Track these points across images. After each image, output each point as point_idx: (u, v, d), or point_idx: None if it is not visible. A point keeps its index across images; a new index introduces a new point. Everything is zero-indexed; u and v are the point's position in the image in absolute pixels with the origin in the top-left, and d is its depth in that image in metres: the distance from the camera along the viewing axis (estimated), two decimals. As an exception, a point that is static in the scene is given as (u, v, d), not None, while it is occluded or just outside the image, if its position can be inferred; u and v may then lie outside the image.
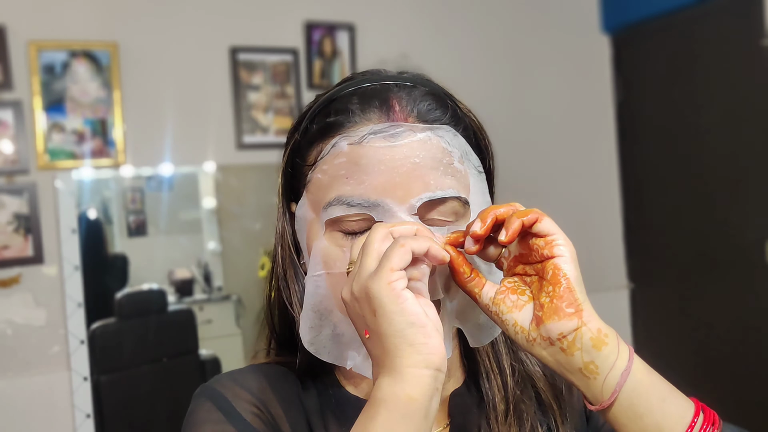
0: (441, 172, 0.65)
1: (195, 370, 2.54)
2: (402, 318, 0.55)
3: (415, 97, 0.68)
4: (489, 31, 2.86)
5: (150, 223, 2.66)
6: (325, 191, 0.67)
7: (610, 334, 0.61)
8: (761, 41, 2.45)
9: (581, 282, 0.61)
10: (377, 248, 0.58)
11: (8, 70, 2.17)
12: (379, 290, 0.56)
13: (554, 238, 0.61)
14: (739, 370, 2.64)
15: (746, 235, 2.57)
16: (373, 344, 0.58)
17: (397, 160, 0.64)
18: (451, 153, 0.66)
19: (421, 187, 0.64)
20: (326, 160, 0.67)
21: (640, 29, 2.94)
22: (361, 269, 0.58)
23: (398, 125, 0.65)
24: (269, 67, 2.50)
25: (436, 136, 0.66)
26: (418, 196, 0.64)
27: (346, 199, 0.64)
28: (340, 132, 0.67)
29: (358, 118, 0.67)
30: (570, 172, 2.95)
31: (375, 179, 0.64)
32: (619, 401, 0.60)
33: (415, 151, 0.65)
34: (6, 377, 2.15)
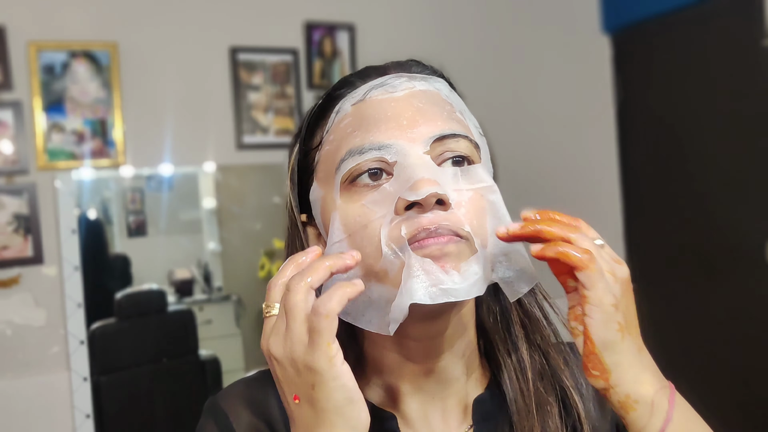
0: (446, 117, 0.66)
1: (195, 370, 2.54)
2: (342, 395, 0.56)
3: (410, 65, 0.71)
4: (489, 31, 2.86)
5: (150, 223, 2.66)
6: (334, 157, 0.66)
7: (642, 399, 0.59)
8: (761, 41, 2.45)
9: (617, 342, 0.58)
10: (303, 309, 0.56)
11: (8, 70, 2.17)
12: (320, 366, 0.55)
13: (589, 295, 0.58)
14: (739, 369, 2.64)
15: (746, 236, 2.57)
16: (303, 412, 0.57)
17: (402, 106, 0.65)
18: (451, 104, 0.68)
19: (430, 126, 0.64)
20: (332, 130, 0.68)
21: (640, 29, 2.94)
22: (292, 336, 0.56)
23: (398, 76, 0.68)
24: (269, 67, 2.50)
25: (434, 87, 0.68)
26: (428, 135, 0.64)
27: (357, 149, 0.64)
28: (342, 98, 0.68)
29: (358, 83, 0.68)
30: (570, 172, 2.95)
31: (383, 125, 0.64)
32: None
33: (417, 98, 0.66)
34: (6, 377, 2.15)
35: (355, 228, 0.63)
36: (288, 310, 0.57)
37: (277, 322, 0.58)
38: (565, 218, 0.61)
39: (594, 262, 0.58)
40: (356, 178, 0.64)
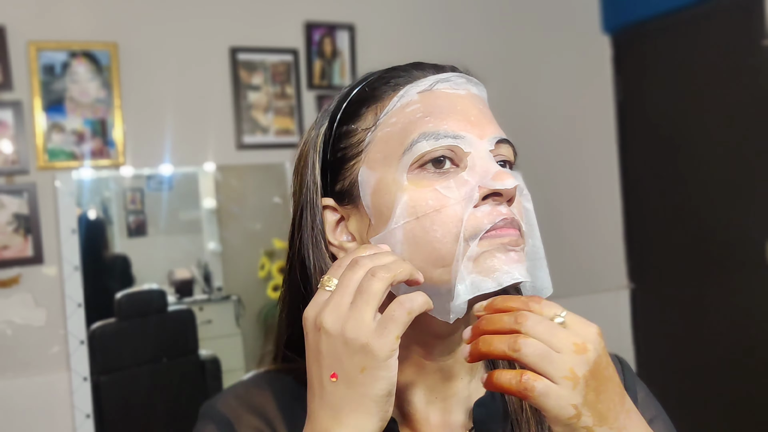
0: (496, 122, 0.69)
1: (195, 370, 2.54)
2: (387, 386, 0.56)
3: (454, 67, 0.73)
4: (489, 31, 2.86)
5: (150, 223, 2.66)
6: (400, 138, 0.66)
7: None
8: (761, 41, 2.45)
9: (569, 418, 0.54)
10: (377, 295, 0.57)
11: (8, 70, 2.17)
12: (383, 353, 0.55)
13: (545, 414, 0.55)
14: (739, 369, 2.64)
15: (746, 235, 2.57)
16: (338, 391, 0.57)
17: (468, 104, 0.68)
18: None
19: (492, 128, 0.67)
20: (394, 113, 0.67)
21: (640, 29, 2.94)
22: (359, 317, 0.56)
23: (461, 76, 0.70)
24: (269, 67, 2.50)
25: (482, 94, 0.72)
26: (492, 135, 0.66)
27: (432, 134, 0.64)
28: (406, 85, 0.68)
29: (418, 73, 0.69)
30: (570, 172, 2.95)
31: (455, 116, 0.66)
32: None
33: (475, 100, 0.69)
34: (6, 377, 2.15)
35: (426, 211, 0.63)
36: (364, 291, 0.57)
37: (337, 297, 0.58)
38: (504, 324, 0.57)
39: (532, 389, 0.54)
40: (426, 163, 0.64)
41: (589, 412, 0.54)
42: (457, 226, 0.62)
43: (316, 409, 0.58)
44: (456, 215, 0.62)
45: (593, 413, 0.54)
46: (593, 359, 0.54)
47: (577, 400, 0.53)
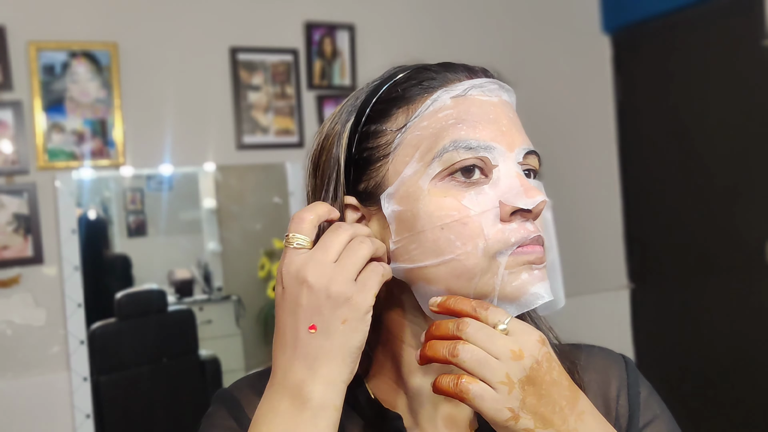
0: (525, 132, 0.69)
1: (195, 370, 2.54)
2: (362, 338, 0.60)
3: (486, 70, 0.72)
4: (489, 31, 2.86)
5: (150, 223, 2.66)
6: (430, 143, 0.65)
7: None
8: (761, 41, 2.45)
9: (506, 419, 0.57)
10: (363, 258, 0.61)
11: (8, 70, 2.17)
12: (364, 305, 0.59)
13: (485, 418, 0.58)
14: (739, 369, 2.64)
15: (746, 235, 2.57)
16: (316, 342, 0.59)
17: (499, 113, 0.67)
18: None
19: (521, 139, 0.67)
20: (425, 116, 0.66)
21: (640, 29, 2.94)
22: (343, 271, 0.60)
23: (494, 82, 0.69)
24: (269, 67, 2.50)
25: (512, 101, 0.71)
26: (521, 147, 0.66)
27: (464, 143, 0.64)
28: (439, 89, 0.67)
29: (451, 76, 0.68)
30: (570, 172, 2.95)
31: (487, 126, 0.65)
32: None
33: (506, 108, 0.68)
34: (6, 377, 2.15)
35: (448, 222, 0.63)
36: (352, 253, 0.61)
37: (319, 254, 0.60)
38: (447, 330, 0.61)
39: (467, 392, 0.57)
40: (456, 171, 0.64)
41: (528, 415, 0.57)
42: (481, 240, 0.62)
43: (288, 361, 0.60)
44: (479, 229, 0.62)
45: (534, 416, 0.57)
46: (529, 365, 0.57)
47: (514, 404, 0.56)
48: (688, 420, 1.49)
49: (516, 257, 0.62)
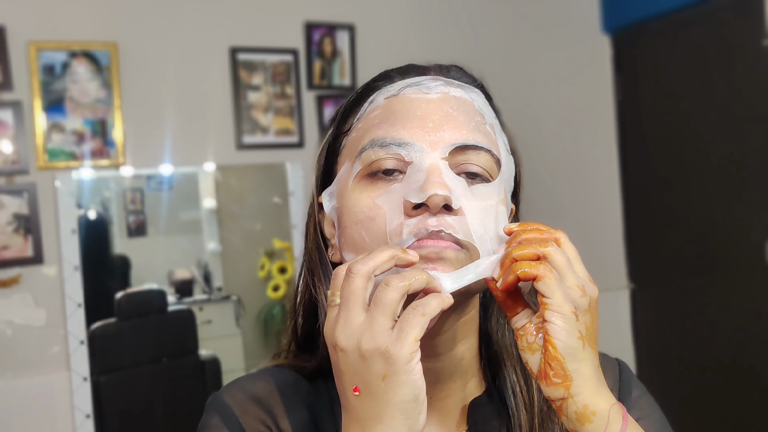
0: (473, 127, 0.66)
1: (195, 370, 2.54)
2: (411, 391, 0.56)
3: (449, 68, 0.72)
4: (489, 31, 2.86)
5: (150, 223, 2.67)
6: (356, 144, 0.68)
7: (599, 411, 0.59)
8: (761, 41, 2.45)
9: (579, 349, 0.59)
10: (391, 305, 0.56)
11: (8, 70, 2.17)
12: (402, 357, 0.55)
13: (548, 302, 0.59)
14: (739, 369, 2.64)
15: (746, 235, 2.57)
16: (363, 404, 0.57)
17: (432, 109, 0.66)
18: (483, 115, 0.69)
19: (454, 133, 0.65)
20: (363, 118, 0.69)
21: (640, 29, 2.94)
22: (374, 326, 0.56)
23: (435, 78, 0.69)
24: (269, 67, 2.50)
25: (469, 97, 0.69)
26: (450, 143, 0.64)
27: (379, 141, 0.65)
28: (377, 90, 0.70)
29: (396, 79, 0.70)
30: (570, 172, 2.95)
31: (408, 123, 0.65)
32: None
33: (449, 104, 0.67)
34: (6, 377, 2.15)
35: (361, 218, 0.65)
36: (378, 302, 0.57)
37: (343, 312, 0.58)
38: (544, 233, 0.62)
39: (550, 272, 0.59)
40: (373, 168, 0.65)
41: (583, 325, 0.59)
42: (384, 235, 0.63)
43: (346, 425, 0.59)
44: (382, 225, 0.63)
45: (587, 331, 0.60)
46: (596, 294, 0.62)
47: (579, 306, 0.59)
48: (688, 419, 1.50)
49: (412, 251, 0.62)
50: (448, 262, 0.62)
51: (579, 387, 0.58)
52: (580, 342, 0.58)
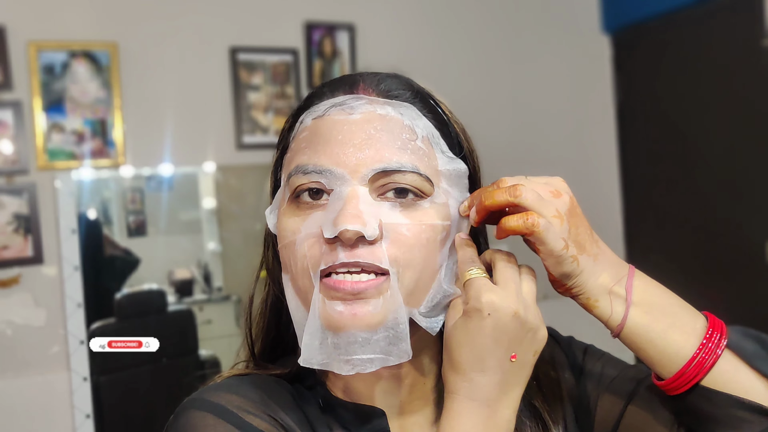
0: (398, 147, 0.65)
1: (195, 370, 2.54)
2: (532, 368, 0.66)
3: (381, 78, 0.70)
4: (489, 31, 2.86)
5: (150, 223, 2.66)
6: (288, 166, 0.69)
7: (600, 298, 0.67)
8: (761, 41, 2.45)
9: (574, 270, 0.65)
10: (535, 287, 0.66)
11: (8, 70, 2.17)
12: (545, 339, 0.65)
13: (541, 249, 0.64)
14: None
15: (746, 236, 2.56)
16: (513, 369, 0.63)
17: (354, 131, 0.65)
18: (414, 130, 0.67)
19: (374, 158, 0.64)
20: (294, 139, 0.70)
21: (640, 29, 2.94)
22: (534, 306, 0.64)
23: (359, 97, 0.67)
24: (269, 67, 2.50)
25: (397, 113, 0.67)
26: (371, 167, 0.64)
27: (302, 168, 0.66)
28: (307, 110, 0.70)
29: (326, 97, 0.69)
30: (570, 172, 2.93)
31: (330, 148, 0.65)
32: (621, 338, 0.68)
33: (373, 124, 0.65)
34: (6, 377, 2.15)
35: (286, 243, 0.66)
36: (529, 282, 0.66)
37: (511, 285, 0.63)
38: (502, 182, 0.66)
39: (537, 225, 0.63)
40: (300, 194, 0.66)
41: (573, 244, 0.65)
42: (304, 261, 0.64)
43: (487, 381, 0.62)
44: (302, 251, 0.64)
45: (576, 245, 0.65)
46: (568, 199, 0.66)
47: (564, 234, 0.64)
48: (688, 420, 1.48)
49: (327, 287, 0.63)
50: (370, 297, 0.62)
51: (579, 289, 0.66)
52: (575, 263, 0.65)
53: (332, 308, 0.62)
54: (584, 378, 0.78)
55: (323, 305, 0.63)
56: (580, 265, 0.65)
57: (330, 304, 0.62)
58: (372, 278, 0.63)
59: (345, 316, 0.62)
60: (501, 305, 0.61)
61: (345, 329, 0.62)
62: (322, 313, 0.63)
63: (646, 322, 0.67)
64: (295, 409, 0.68)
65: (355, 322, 0.62)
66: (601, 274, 0.67)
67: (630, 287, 0.67)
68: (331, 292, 0.62)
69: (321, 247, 0.63)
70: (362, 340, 0.62)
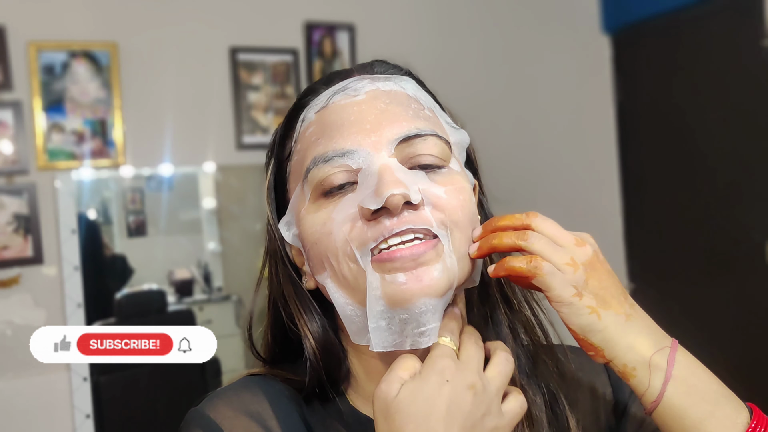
0: (411, 115, 0.64)
1: (195, 370, 2.54)
2: None
3: (372, 63, 0.70)
4: (489, 31, 2.86)
5: (150, 223, 2.66)
6: (300, 166, 0.66)
7: (638, 366, 0.61)
8: (761, 41, 2.45)
9: (594, 322, 0.61)
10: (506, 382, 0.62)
11: (8, 70, 2.17)
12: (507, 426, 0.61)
13: (549, 296, 0.61)
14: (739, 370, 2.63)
15: (746, 235, 2.56)
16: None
17: (364, 109, 0.64)
18: (418, 100, 0.66)
19: (394, 128, 0.63)
20: (299, 140, 0.67)
21: (640, 29, 2.94)
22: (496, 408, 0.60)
23: (360, 78, 0.66)
24: (269, 67, 2.50)
25: (399, 86, 0.66)
26: (393, 138, 0.62)
27: (321, 156, 0.63)
28: (306, 107, 0.67)
29: (322, 90, 0.68)
30: (570, 172, 2.95)
31: (346, 130, 0.63)
32: (654, 417, 0.62)
33: (381, 99, 0.64)
34: (6, 378, 2.15)
35: (318, 237, 0.63)
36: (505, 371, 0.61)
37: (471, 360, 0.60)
38: (515, 220, 0.63)
39: (541, 268, 0.60)
40: (324, 186, 0.63)
41: (590, 295, 0.60)
42: (345, 247, 0.61)
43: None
44: (342, 236, 0.61)
45: (595, 297, 0.61)
46: (591, 252, 0.62)
47: (578, 282, 0.60)
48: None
49: (381, 261, 0.60)
50: (431, 262, 0.60)
51: (611, 352, 0.61)
52: (593, 316, 0.60)
53: (394, 282, 0.59)
54: (627, 418, 0.73)
55: (383, 282, 0.59)
56: (603, 319, 0.61)
57: (390, 279, 0.59)
58: (427, 240, 0.61)
59: (411, 285, 0.59)
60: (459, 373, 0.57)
61: (413, 299, 0.59)
62: (384, 291, 0.59)
63: (683, 405, 0.60)
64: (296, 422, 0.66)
65: (423, 289, 0.59)
66: (637, 337, 0.61)
67: (672, 360, 0.61)
68: (388, 265, 0.59)
69: (363, 227, 0.60)
70: (432, 308, 0.59)
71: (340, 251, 0.61)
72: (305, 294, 0.69)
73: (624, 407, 0.73)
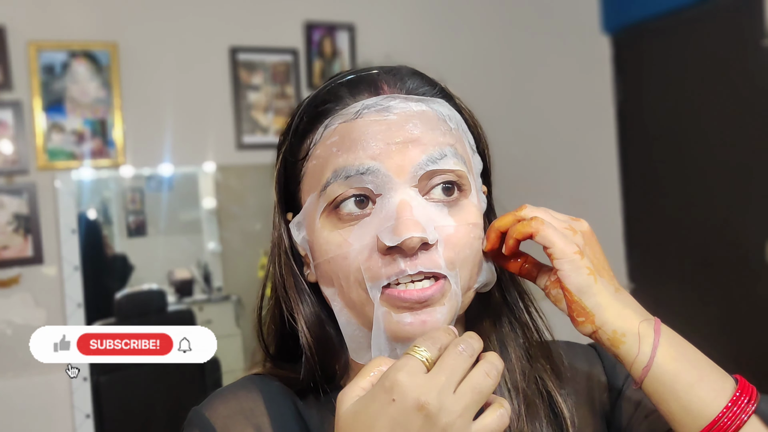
0: (440, 141, 0.64)
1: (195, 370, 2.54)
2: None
3: (402, 76, 0.68)
4: (489, 31, 2.86)
5: (150, 223, 2.66)
6: (318, 175, 0.65)
7: (628, 333, 0.63)
8: (761, 41, 2.45)
9: (591, 284, 0.63)
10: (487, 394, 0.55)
11: (8, 70, 2.17)
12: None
13: (552, 252, 0.63)
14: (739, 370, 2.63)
15: (746, 235, 2.56)
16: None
17: (393, 130, 0.63)
18: (448, 123, 0.66)
19: (421, 155, 0.63)
20: (319, 145, 0.66)
21: (640, 29, 2.94)
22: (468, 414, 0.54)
23: (392, 97, 0.65)
24: (269, 67, 2.50)
25: (431, 108, 0.66)
26: (416, 164, 0.62)
27: (342, 171, 0.62)
28: (332, 114, 0.66)
29: (349, 99, 0.66)
30: (570, 172, 2.95)
31: (370, 148, 0.62)
32: (645, 386, 0.63)
33: (412, 121, 0.64)
34: (6, 377, 2.15)
35: (332, 257, 0.64)
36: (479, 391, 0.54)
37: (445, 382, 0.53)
38: (509, 214, 0.67)
39: (543, 223, 0.63)
40: (340, 204, 0.63)
41: (588, 258, 0.64)
42: (358, 274, 0.62)
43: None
44: (356, 264, 0.62)
45: (591, 261, 0.64)
46: (587, 226, 0.67)
47: (579, 241, 0.64)
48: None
49: (391, 298, 0.61)
50: (436, 303, 0.62)
51: (602, 317, 0.63)
52: (591, 277, 0.63)
53: (401, 320, 0.61)
54: (621, 402, 0.74)
55: (389, 318, 0.62)
56: (598, 282, 0.63)
57: (398, 317, 0.61)
58: (434, 282, 0.62)
59: (415, 326, 0.61)
60: (407, 391, 0.52)
61: (415, 337, 0.59)
62: (388, 326, 0.62)
63: (674, 370, 0.62)
64: (291, 423, 0.67)
65: (425, 330, 0.60)
66: (625, 308, 0.63)
67: (659, 330, 0.63)
68: (398, 303, 0.61)
69: (378, 259, 0.61)
70: None
71: (352, 276, 0.63)
72: (304, 287, 0.71)
73: (618, 393, 0.75)
